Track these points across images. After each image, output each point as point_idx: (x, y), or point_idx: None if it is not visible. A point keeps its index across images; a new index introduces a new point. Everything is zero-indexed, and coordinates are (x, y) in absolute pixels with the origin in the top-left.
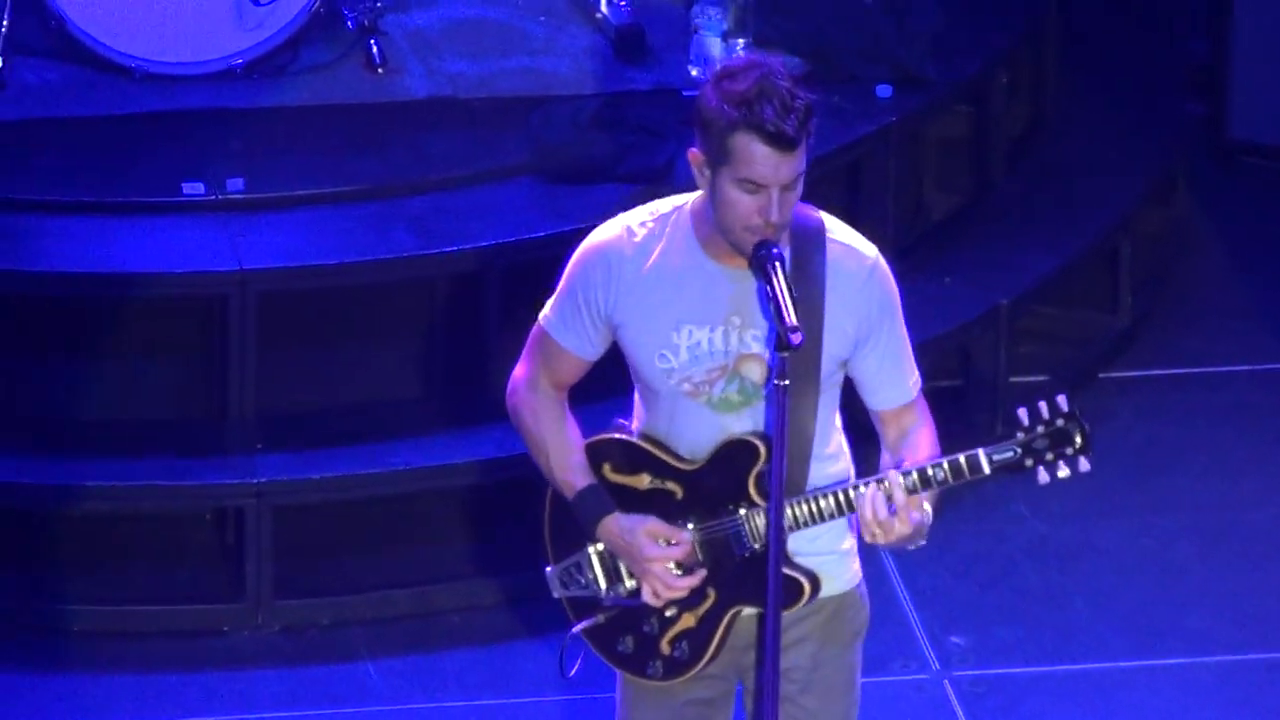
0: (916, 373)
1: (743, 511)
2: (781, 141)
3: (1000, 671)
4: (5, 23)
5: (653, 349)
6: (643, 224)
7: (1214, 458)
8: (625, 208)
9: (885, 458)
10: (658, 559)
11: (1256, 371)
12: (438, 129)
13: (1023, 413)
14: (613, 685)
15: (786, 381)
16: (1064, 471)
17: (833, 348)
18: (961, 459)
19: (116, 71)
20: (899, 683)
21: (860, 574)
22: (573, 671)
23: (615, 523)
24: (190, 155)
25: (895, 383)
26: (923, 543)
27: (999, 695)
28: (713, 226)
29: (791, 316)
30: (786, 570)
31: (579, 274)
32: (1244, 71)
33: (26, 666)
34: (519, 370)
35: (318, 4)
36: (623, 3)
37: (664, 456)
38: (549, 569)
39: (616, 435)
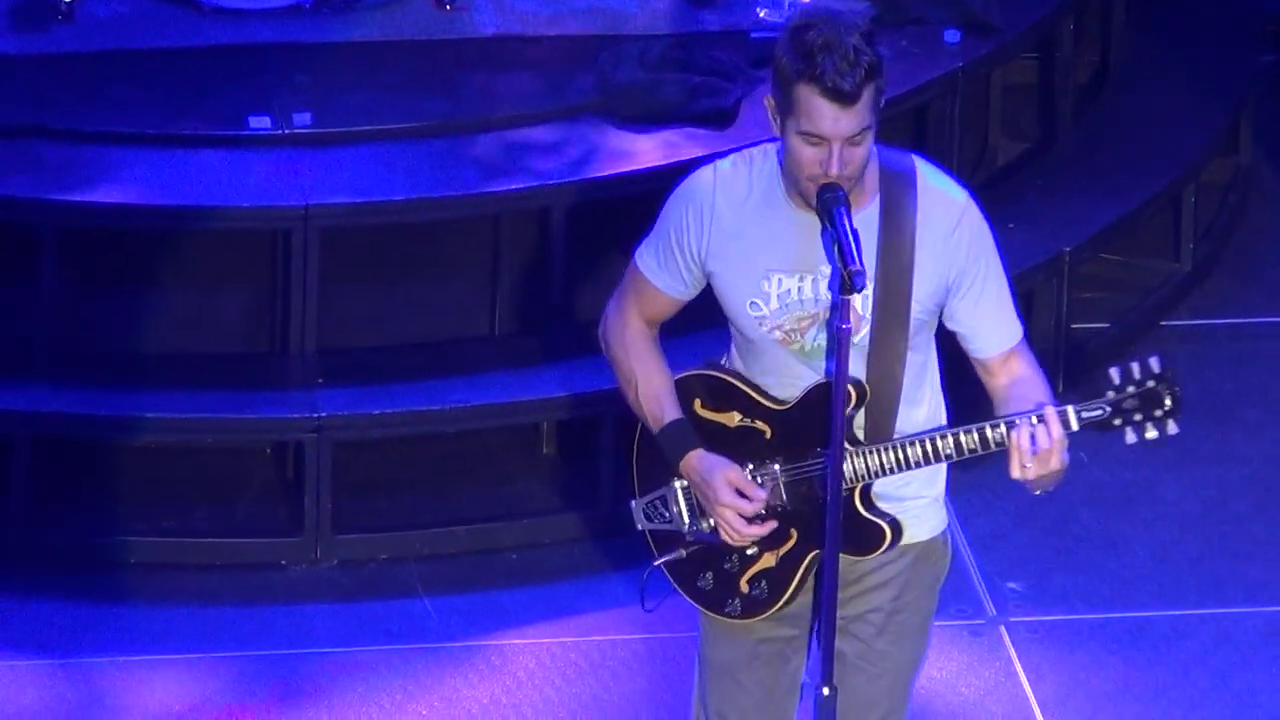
0: (1019, 322)
1: None
2: (840, 96)
3: (1056, 618)
4: None
5: (744, 296)
6: (734, 168)
7: (1272, 408)
8: (692, 149)
9: (1002, 408)
10: (730, 506)
11: None
12: (506, 67)
13: (1114, 372)
14: (678, 626)
15: (849, 325)
16: (1152, 433)
17: (922, 294)
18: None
19: (185, 5)
20: (955, 628)
21: (946, 521)
22: (654, 607)
23: (698, 461)
24: (257, 90)
25: (995, 327)
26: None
27: (1055, 641)
28: None
29: (856, 259)
30: (868, 515)
31: (673, 216)
32: None
33: (85, 598)
34: (613, 304)
35: None
36: None
37: (755, 395)
38: (634, 501)
39: (709, 372)
